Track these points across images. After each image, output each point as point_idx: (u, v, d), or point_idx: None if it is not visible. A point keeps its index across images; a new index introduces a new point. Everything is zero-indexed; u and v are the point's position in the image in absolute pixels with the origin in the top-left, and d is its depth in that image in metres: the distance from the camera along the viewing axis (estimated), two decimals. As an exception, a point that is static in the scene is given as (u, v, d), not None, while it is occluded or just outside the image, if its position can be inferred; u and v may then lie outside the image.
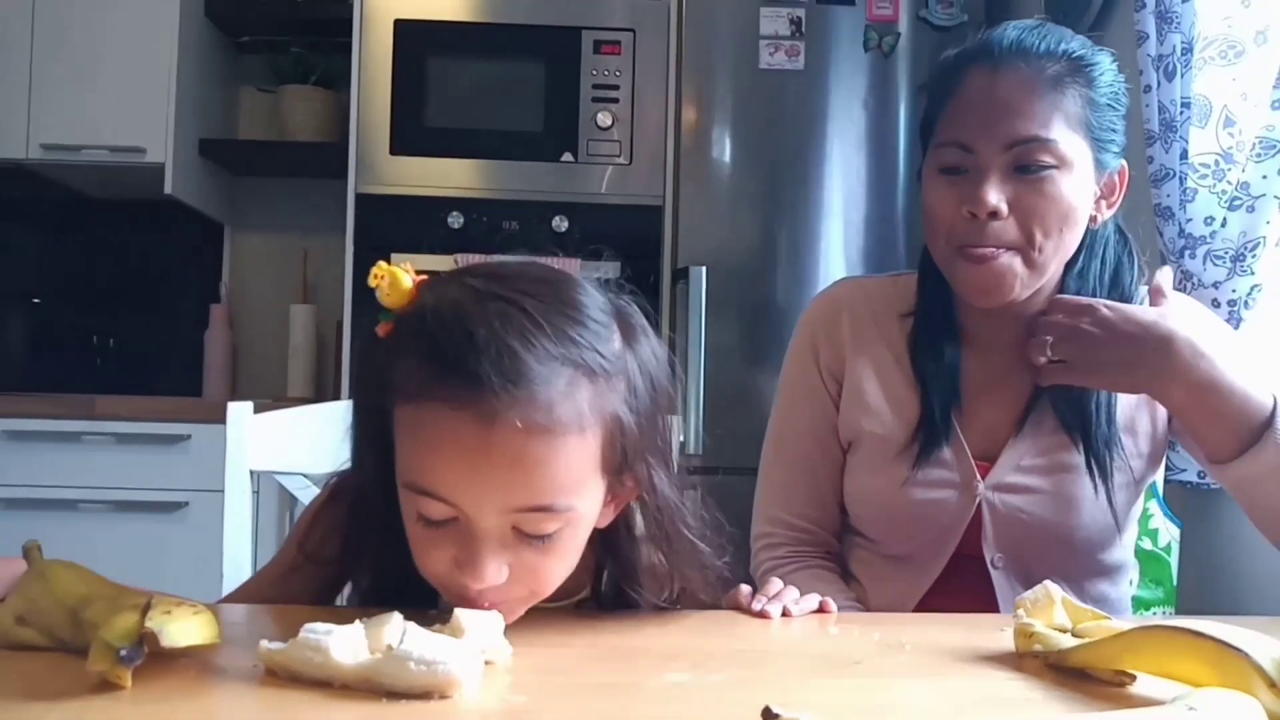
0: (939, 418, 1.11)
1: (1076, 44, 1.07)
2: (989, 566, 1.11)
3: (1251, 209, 1.81)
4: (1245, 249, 1.81)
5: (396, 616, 0.66)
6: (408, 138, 2.47)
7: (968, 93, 1.05)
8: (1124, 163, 1.09)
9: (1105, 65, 1.07)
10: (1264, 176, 1.80)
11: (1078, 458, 1.09)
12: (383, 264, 0.73)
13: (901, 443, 1.12)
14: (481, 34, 2.51)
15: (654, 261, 2.43)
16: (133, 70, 2.55)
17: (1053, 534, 1.10)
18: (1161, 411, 1.13)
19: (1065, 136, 1.03)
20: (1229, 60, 1.90)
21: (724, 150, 2.45)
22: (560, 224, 2.44)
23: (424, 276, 0.74)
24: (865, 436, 1.15)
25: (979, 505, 1.11)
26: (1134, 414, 1.12)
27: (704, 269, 2.34)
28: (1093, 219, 1.08)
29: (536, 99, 2.49)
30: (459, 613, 0.68)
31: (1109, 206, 1.09)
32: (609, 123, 2.47)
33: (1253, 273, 1.81)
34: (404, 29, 2.47)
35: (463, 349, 0.67)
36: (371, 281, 0.72)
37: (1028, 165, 1.02)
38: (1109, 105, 1.06)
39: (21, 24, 2.52)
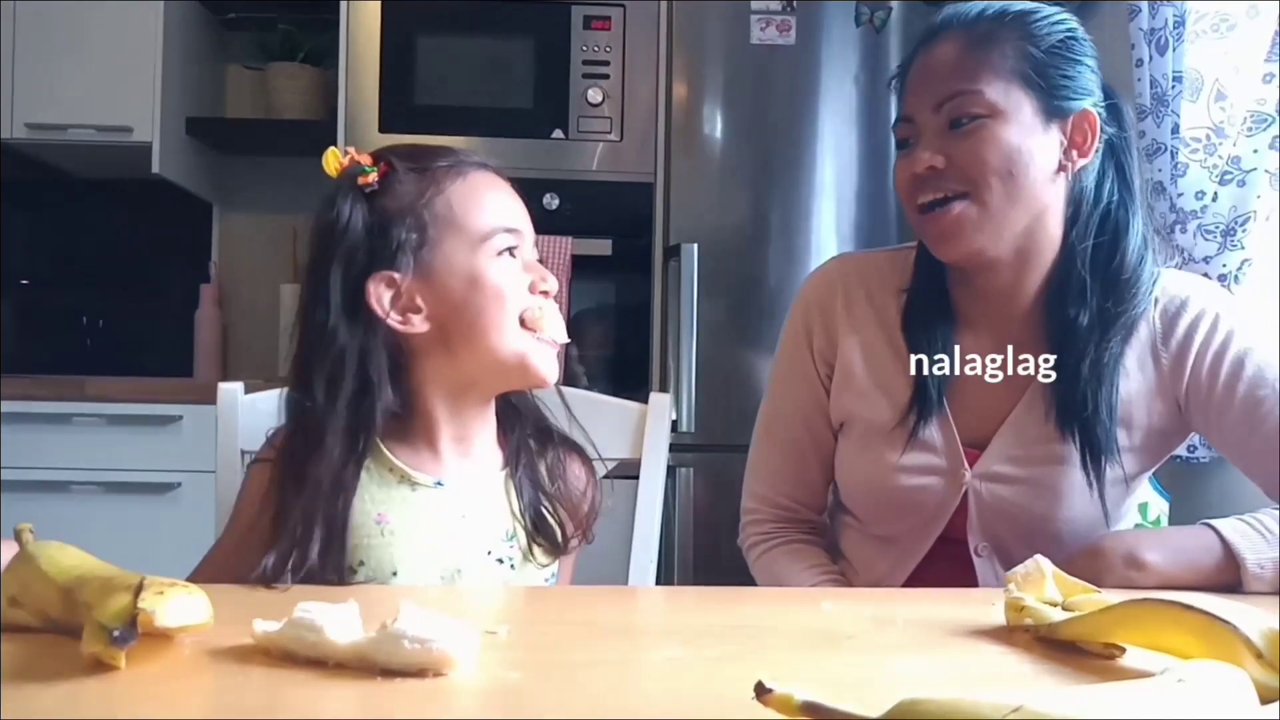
0: (932, 390, 1.10)
1: (1014, 3, 1.09)
2: (972, 554, 1.11)
3: (1242, 183, 1.81)
4: (1236, 223, 1.81)
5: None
6: (397, 115, 2.44)
7: (909, 72, 1.11)
8: (1089, 109, 1.07)
9: (1045, 14, 1.08)
10: (1255, 151, 1.80)
11: (1068, 449, 1.07)
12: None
13: (890, 424, 1.12)
14: (470, 10, 2.48)
15: (645, 239, 2.42)
16: (118, 48, 2.52)
17: (1039, 525, 1.08)
18: (1159, 407, 1.09)
19: (995, 86, 1.04)
20: (1221, 34, 1.89)
21: (715, 126, 2.43)
22: (551, 201, 2.43)
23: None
24: (855, 419, 1.16)
25: (965, 493, 1.10)
26: (1130, 408, 1.09)
27: (695, 246, 2.33)
28: (1063, 168, 1.07)
29: (526, 75, 2.47)
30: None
31: (1081, 155, 1.07)
32: (599, 99, 2.45)
33: (1243, 247, 1.82)
34: (392, 5, 2.44)
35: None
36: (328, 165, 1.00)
37: (959, 119, 1.05)
38: (1055, 52, 1.06)
39: (4, 1, 2.48)
